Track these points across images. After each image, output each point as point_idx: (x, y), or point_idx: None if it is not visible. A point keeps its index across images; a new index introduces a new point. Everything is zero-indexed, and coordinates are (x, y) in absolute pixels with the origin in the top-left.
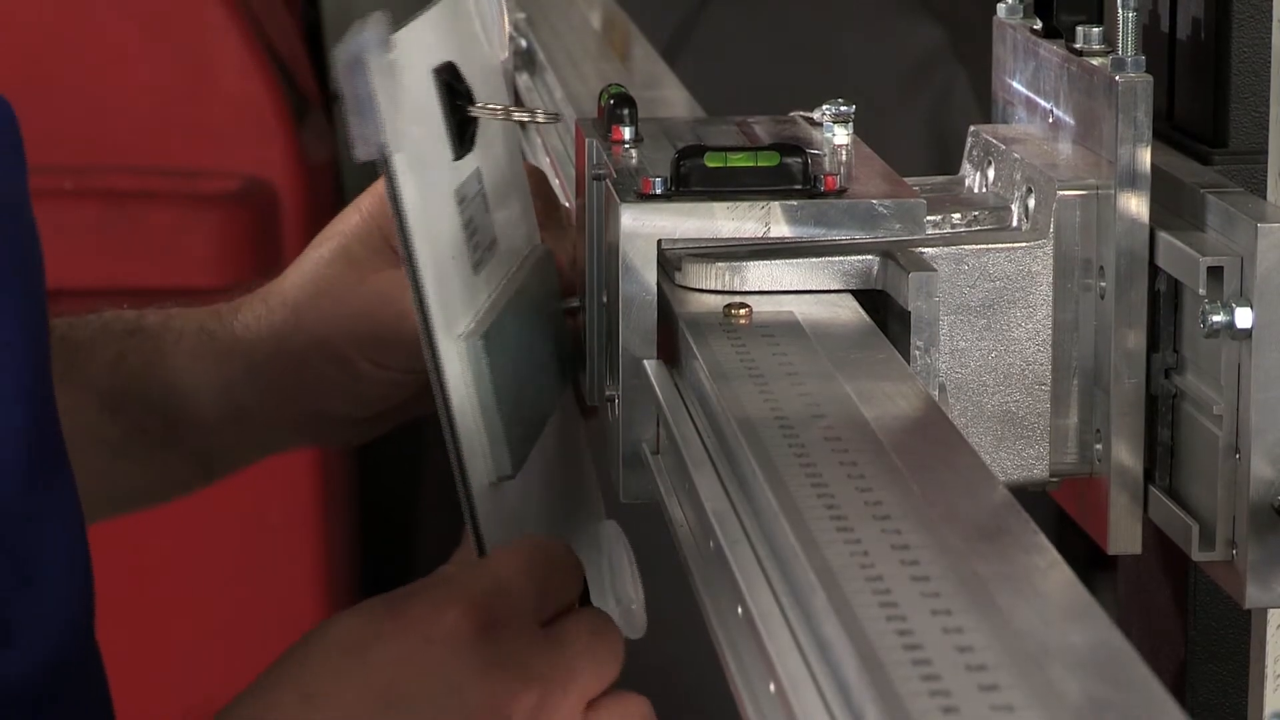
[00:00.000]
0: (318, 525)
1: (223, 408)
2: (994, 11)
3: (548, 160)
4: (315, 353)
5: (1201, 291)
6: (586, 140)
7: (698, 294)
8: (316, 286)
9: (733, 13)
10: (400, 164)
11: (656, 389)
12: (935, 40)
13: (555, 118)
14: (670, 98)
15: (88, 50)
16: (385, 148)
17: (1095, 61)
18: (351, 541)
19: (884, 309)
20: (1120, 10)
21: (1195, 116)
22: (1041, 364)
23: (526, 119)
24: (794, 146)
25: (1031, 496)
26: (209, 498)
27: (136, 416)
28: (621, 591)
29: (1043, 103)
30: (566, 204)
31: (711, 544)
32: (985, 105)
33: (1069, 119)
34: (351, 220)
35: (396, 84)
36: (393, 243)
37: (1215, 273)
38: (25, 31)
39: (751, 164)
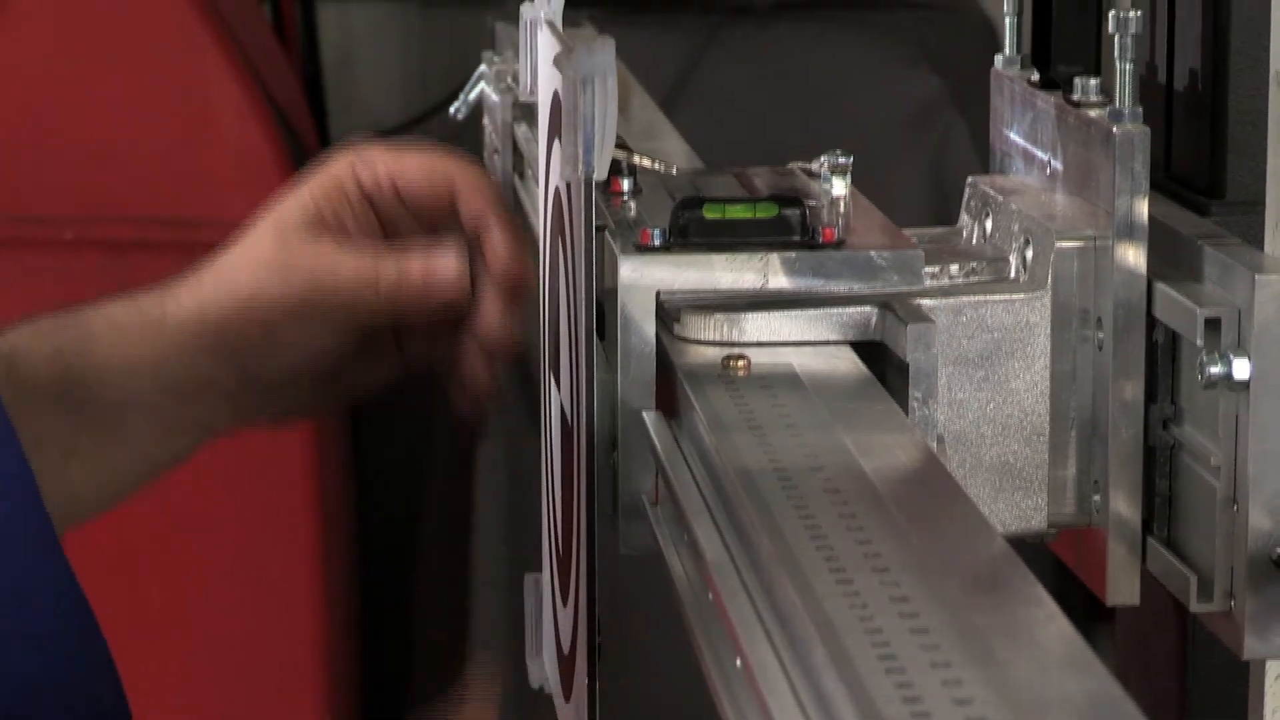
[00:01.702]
0: (316, 572)
1: (161, 385)
2: (992, 62)
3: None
4: (238, 318)
5: (1199, 343)
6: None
7: (696, 345)
8: (246, 256)
9: (731, 63)
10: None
11: (655, 440)
12: (934, 90)
13: (677, 170)
14: (669, 149)
15: (87, 100)
16: (592, 170)
17: (1093, 113)
18: (349, 579)
19: (882, 360)
20: (1118, 62)
21: (1193, 167)
22: (1040, 415)
23: (660, 169)
24: (792, 198)
25: (1030, 547)
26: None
27: (80, 408)
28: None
29: (1040, 154)
30: None
31: (710, 595)
32: (984, 155)
33: (1067, 170)
34: (287, 200)
35: (611, 111)
36: (330, 220)
37: (1213, 324)
38: (25, 82)
39: (750, 215)
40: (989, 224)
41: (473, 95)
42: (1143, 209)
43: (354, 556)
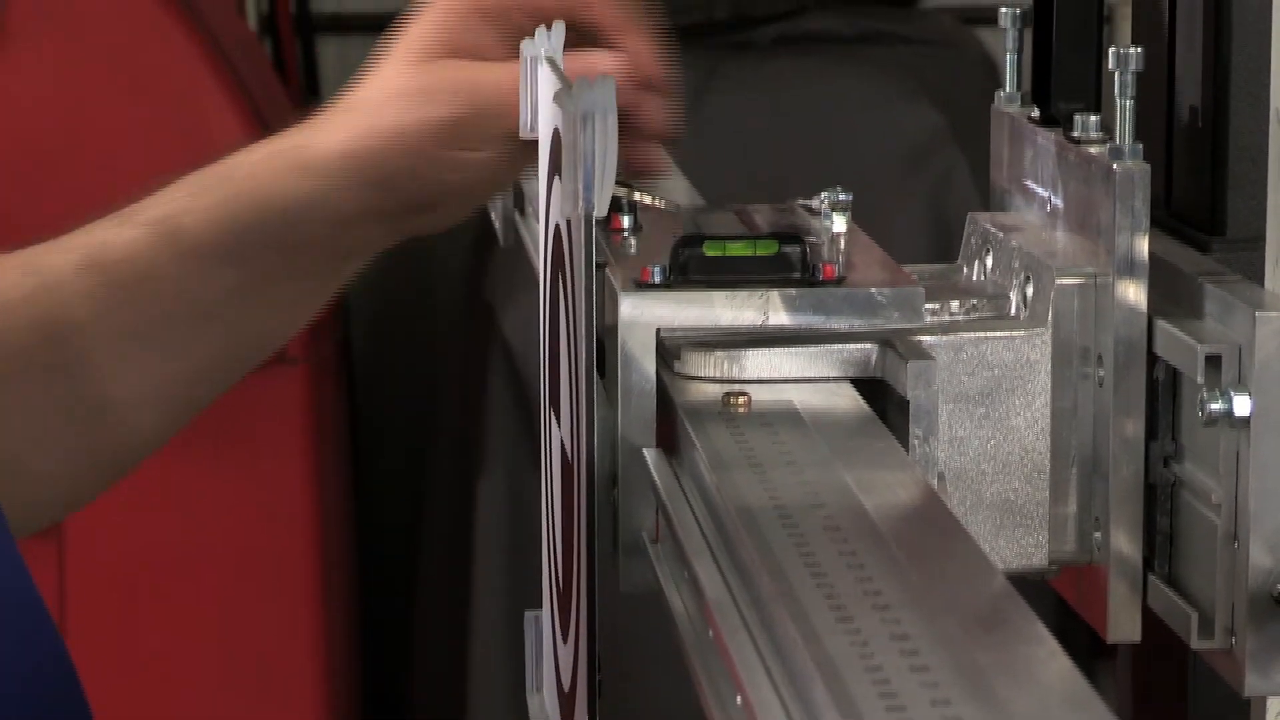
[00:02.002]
0: (316, 608)
1: (323, 219)
2: (992, 97)
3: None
4: (386, 152)
5: (1200, 380)
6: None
7: (697, 382)
8: (381, 90)
9: (732, 100)
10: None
11: (655, 478)
12: (934, 126)
13: (677, 207)
14: (669, 185)
15: (86, 131)
16: (591, 207)
17: (1093, 150)
18: (349, 616)
19: (883, 397)
20: (1118, 98)
21: (1193, 204)
22: (1040, 452)
23: (660, 205)
24: (792, 235)
25: (1031, 584)
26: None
27: (249, 261)
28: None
29: (1041, 191)
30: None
31: (710, 633)
32: (985, 190)
33: (1067, 207)
34: (411, 29)
35: (611, 148)
36: (462, 42)
37: (1213, 361)
38: (25, 114)
39: (750, 253)
40: (989, 261)
41: None
42: (1143, 246)
43: (354, 593)
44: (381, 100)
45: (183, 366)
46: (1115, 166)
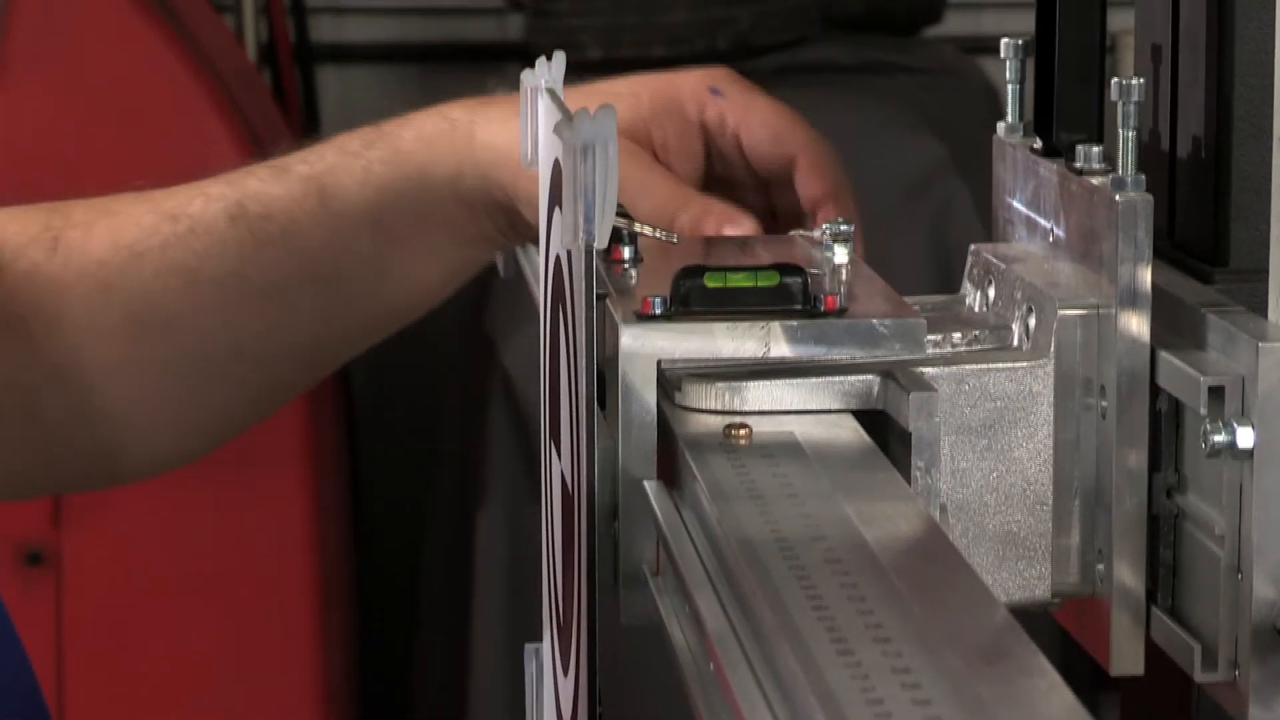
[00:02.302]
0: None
1: (458, 197)
2: (994, 128)
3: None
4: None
5: (1203, 411)
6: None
7: (698, 414)
8: None
9: None
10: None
11: (656, 510)
12: (936, 156)
13: (677, 238)
14: None
15: (85, 162)
16: (592, 238)
17: (1095, 180)
18: (349, 647)
19: (884, 429)
20: (1120, 129)
21: (1196, 235)
22: (1043, 484)
23: (661, 237)
24: (794, 266)
25: (1034, 617)
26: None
27: (390, 228)
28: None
29: (1043, 221)
30: None
31: (711, 665)
32: (988, 220)
33: (1069, 238)
34: (623, 98)
35: (612, 179)
36: (656, 139)
37: (1216, 392)
38: (23, 144)
39: (751, 284)
40: (991, 292)
41: None
42: (1146, 277)
43: (353, 624)
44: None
45: (308, 330)
46: (1117, 197)
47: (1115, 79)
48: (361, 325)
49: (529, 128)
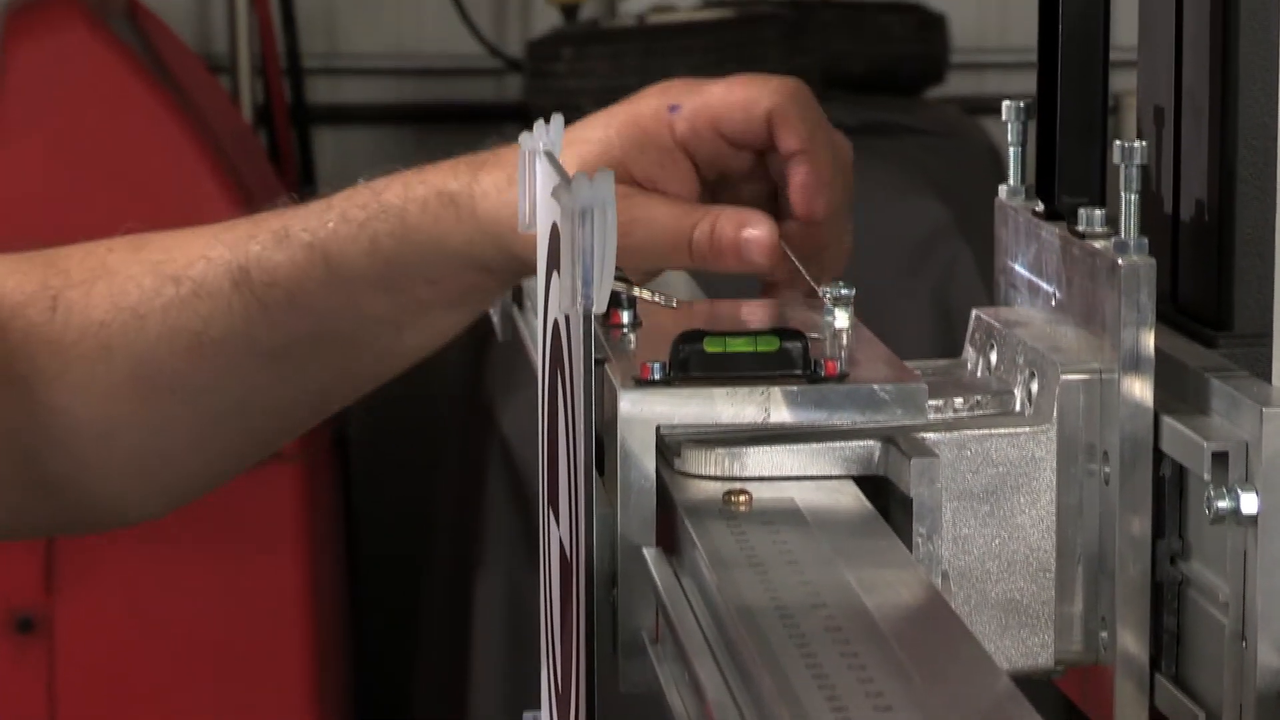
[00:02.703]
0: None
1: (457, 264)
2: (997, 189)
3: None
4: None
5: (1206, 477)
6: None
7: (697, 480)
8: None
9: None
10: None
11: (655, 577)
12: (938, 218)
13: (676, 302)
14: (669, 280)
15: (80, 224)
16: (590, 303)
17: (1097, 244)
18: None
19: (886, 495)
20: (1122, 192)
21: (1199, 299)
22: (1046, 550)
23: (660, 301)
24: (794, 331)
25: (1037, 685)
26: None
27: (400, 290)
28: None
29: (1045, 285)
30: None
31: None
32: (991, 282)
33: (1072, 302)
34: (591, 144)
35: (610, 243)
36: (639, 174)
37: (1220, 458)
38: (19, 207)
39: (751, 349)
40: (993, 356)
41: None
42: (1149, 341)
43: (349, 694)
44: None
45: (318, 381)
46: (1120, 261)
47: (1117, 141)
48: (375, 374)
49: (527, 191)
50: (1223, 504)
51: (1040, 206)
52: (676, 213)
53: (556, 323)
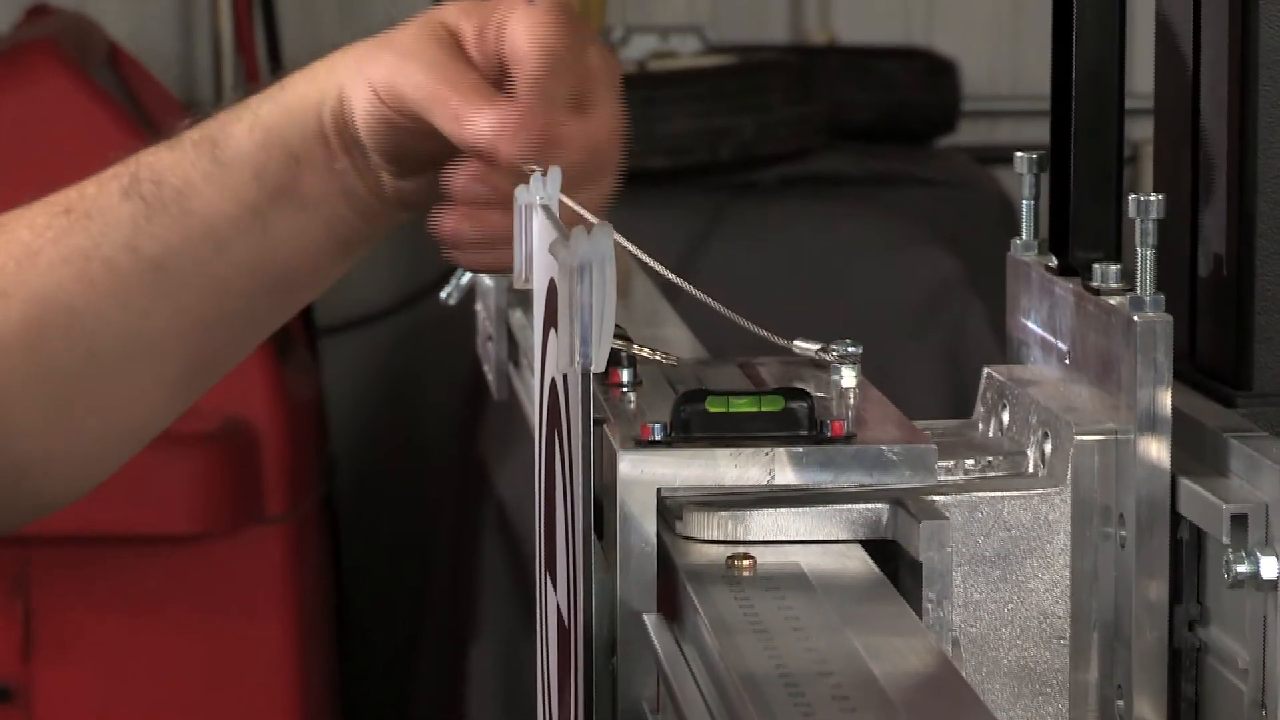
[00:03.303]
0: None
1: (322, 125)
2: (1010, 242)
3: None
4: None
5: (1225, 540)
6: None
7: (699, 544)
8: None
9: (737, 246)
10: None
11: (656, 644)
12: (949, 272)
13: (678, 361)
14: (671, 337)
15: None
16: (589, 362)
17: (1113, 300)
18: None
19: (894, 559)
20: (1138, 247)
21: (1218, 357)
22: (1060, 616)
23: (660, 359)
24: (799, 390)
25: None
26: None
27: (273, 173)
28: None
29: (1059, 343)
30: None
31: None
32: (1003, 339)
33: (1086, 360)
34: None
35: (609, 300)
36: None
37: (1239, 521)
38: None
39: (755, 409)
40: (1006, 416)
41: (465, 279)
42: (1166, 401)
43: None
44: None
45: (198, 312)
46: (1136, 318)
47: (1133, 195)
48: (250, 303)
49: (523, 245)
50: (1242, 568)
51: (1054, 261)
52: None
53: (554, 381)
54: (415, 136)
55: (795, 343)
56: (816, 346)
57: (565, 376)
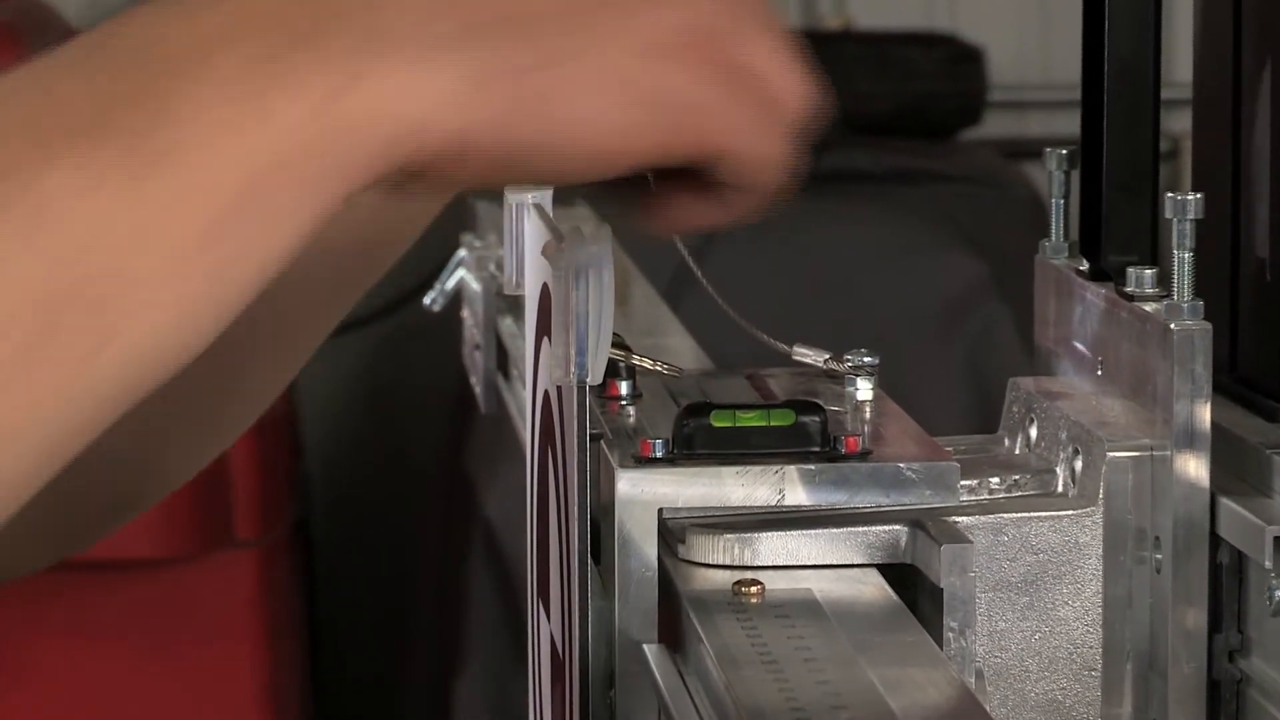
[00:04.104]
0: None
1: None
2: (1039, 243)
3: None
4: None
5: (1268, 564)
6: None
7: (703, 569)
8: None
9: (743, 249)
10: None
11: (658, 676)
12: (974, 276)
13: (680, 371)
14: (673, 346)
15: None
16: (585, 373)
17: (1148, 307)
18: None
19: (913, 585)
20: (1176, 250)
21: (1260, 368)
22: (1091, 646)
23: (661, 370)
24: (811, 404)
25: None
26: None
27: None
28: None
29: (1090, 353)
30: None
31: None
32: (1031, 347)
33: (1119, 371)
34: None
35: (607, 307)
36: None
37: None
38: None
39: (763, 423)
40: (1033, 431)
41: (450, 284)
42: (1205, 415)
43: None
44: None
45: None
46: (1173, 326)
47: (1169, 194)
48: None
49: (514, 247)
50: None
51: (1085, 265)
52: None
53: (547, 394)
54: None
55: (795, 348)
56: (818, 353)
57: (559, 389)
